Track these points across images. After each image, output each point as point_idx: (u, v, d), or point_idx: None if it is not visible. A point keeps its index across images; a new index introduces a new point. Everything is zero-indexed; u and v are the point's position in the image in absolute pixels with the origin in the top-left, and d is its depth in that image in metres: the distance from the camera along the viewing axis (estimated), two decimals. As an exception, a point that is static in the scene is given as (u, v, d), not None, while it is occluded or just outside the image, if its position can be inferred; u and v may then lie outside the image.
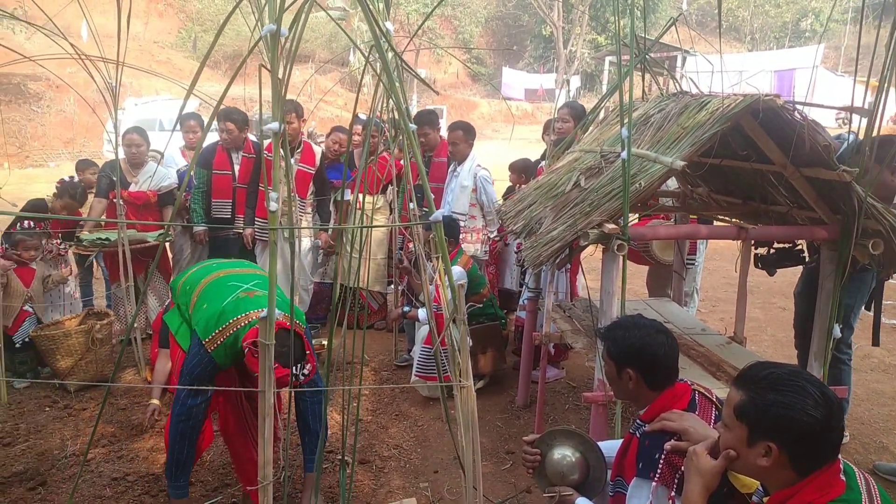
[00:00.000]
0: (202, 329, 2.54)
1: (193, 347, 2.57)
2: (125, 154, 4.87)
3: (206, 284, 2.75)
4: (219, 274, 2.84)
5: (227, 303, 2.58)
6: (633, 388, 1.96)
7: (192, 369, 2.53)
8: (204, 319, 2.56)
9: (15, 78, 18.26)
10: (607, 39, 30.45)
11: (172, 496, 2.67)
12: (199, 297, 2.71)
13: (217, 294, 2.66)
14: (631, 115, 2.37)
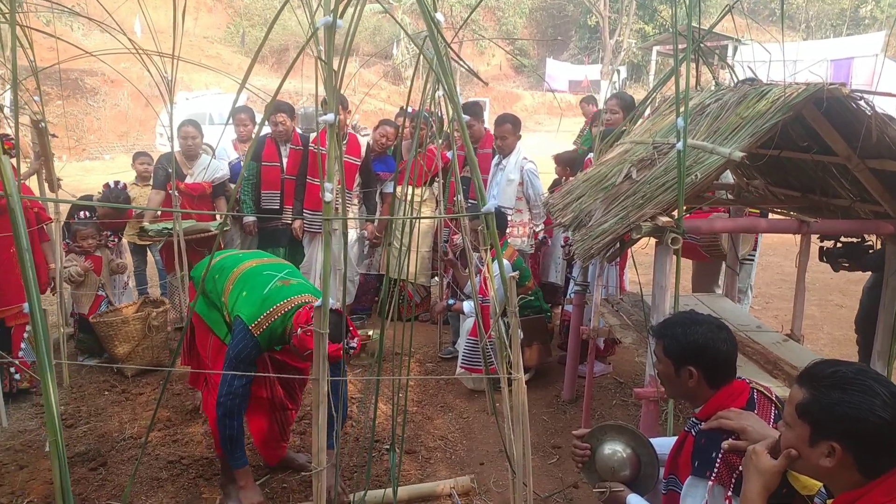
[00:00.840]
0: (248, 315, 2.67)
1: (238, 333, 2.69)
2: (181, 146, 5.01)
3: (241, 274, 2.87)
4: (250, 264, 2.96)
5: (269, 290, 2.73)
6: (693, 386, 1.91)
7: (239, 353, 2.68)
8: (248, 306, 2.70)
9: (73, 74, 18.93)
10: (655, 29, 29.76)
11: (234, 467, 2.85)
12: (236, 285, 2.83)
13: (256, 282, 2.80)
14: (687, 104, 2.31)
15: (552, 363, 4.72)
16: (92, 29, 18.68)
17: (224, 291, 2.86)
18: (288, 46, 26.86)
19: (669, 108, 3.28)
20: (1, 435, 3.64)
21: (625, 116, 4.16)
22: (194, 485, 3.19)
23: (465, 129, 1.81)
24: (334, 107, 1.65)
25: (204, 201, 5.15)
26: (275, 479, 3.24)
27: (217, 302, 2.92)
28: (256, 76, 20.19)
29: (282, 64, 27.18)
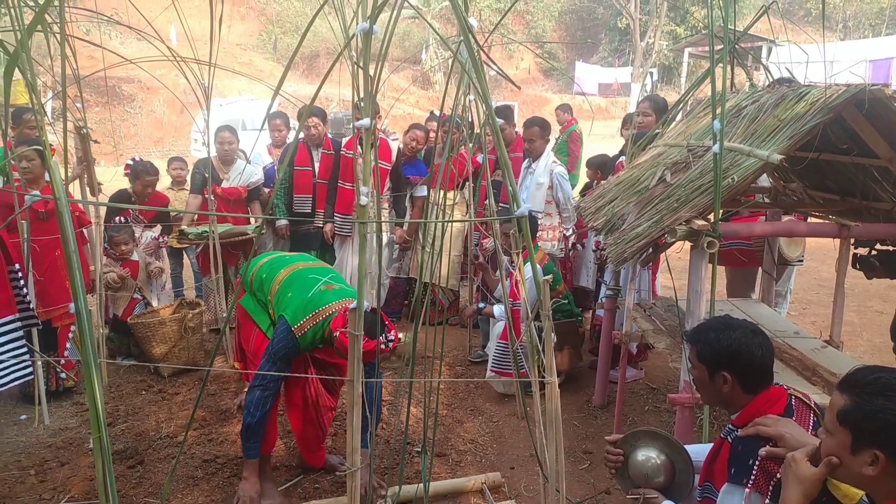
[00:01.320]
0: (291, 316, 2.78)
1: (281, 332, 2.80)
2: (217, 152, 5.11)
3: (288, 275, 3.00)
4: (297, 266, 3.08)
5: (313, 294, 2.83)
6: (728, 392, 1.88)
7: (278, 350, 2.82)
8: (292, 307, 2.80)
9: (110, 81, 19.43)
10: (687, 31, 29.38)
11: (247, 456, 2.95)
12: (283, 286, 2.94)
13: (301, 285, 2.90)
14: (724, 106, 2.29)
15: (583, 368, 4.68)
16: (128, 37, 19.16)
17: (271, 290, 2.99)
18: (319, 53, 27.19)
19: (704, 110, 3.25)
20: (43, 432, 3.74)
21: (657, 119, 4.12)
22: (228, 484, 3.24)
23: (499, 132, 1.81)
24: (370, 112, 1.67)
25: (239, 205, 5.25)
26: (307, 480, 3.28)
27: (264, 299, 3.06)
28: (288, 82, 20.47)
29: (313, 70, 27.51)
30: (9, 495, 3.09)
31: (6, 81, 1.89)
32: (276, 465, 3.40)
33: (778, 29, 14.54)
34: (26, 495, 3.11)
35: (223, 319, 4.89)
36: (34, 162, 3.81)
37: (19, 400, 4.12)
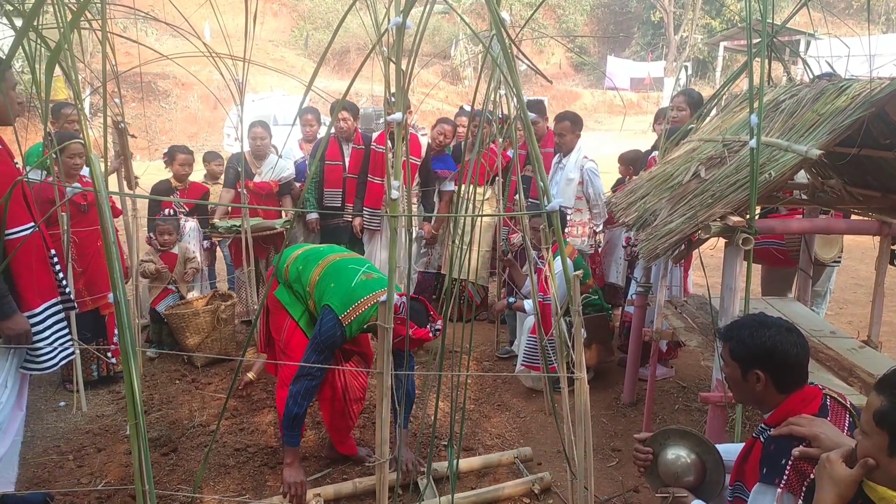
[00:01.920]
0: (338, 306, 2.87)
1: (328, 322, 2.87)
2: (250, 146, 5.18)
3: (327, 266, 3.06)
4: (334, 258, 3.14)
5: (356, 284, 2.94)
6: (761, 391, 1.86)
7: (326, 340, 2.88)
8: (338, 297, 2.89)
9: (146, 77, 19.82)
10: (722, 24, 28.81)
11: (288, 444, 2.98)
12: (323, 278, 3.01)
13: (342, 276, 2.99)
14: (762, 100, 2.24)
15: (612, 365, 4.64)
16: (164, 34, 19.48)
17: (310, 282, 3.05)
18: (349, 48, 27.33)
19: (740, 104, 3.18)
20: (81, 419, 3.85)
21: (692, 114, 4.05)
22: (259, 472, 3.29)
23: (531, 127, 1.80)
24: (402, 106, 1.68)
25: (271, 199, 5.32)
26: (336, 470, 3.32)
27: (301, 291, 3.11)
28: (319, 78, 20.57)
29: (343, 65, 27.67)
30: (48, 479, 3.19)
31: (48, 77, 1.94)
32: (305, 455, 3.45)
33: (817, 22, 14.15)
34: (65, 480, 3.20)
35: (254, 311, 4.97)
36: (84, 158, 3.92)
37: (58, 387, 4.25)
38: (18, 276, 2.55)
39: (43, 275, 2.69)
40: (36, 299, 2.61)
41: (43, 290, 2.66)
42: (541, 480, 3.18)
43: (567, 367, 2.26)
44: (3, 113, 2.54)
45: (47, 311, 2.66)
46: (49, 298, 2.68)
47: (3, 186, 2.50)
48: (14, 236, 2.54)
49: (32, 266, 2.60)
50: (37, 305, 2.61)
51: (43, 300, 2.64)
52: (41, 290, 2.64)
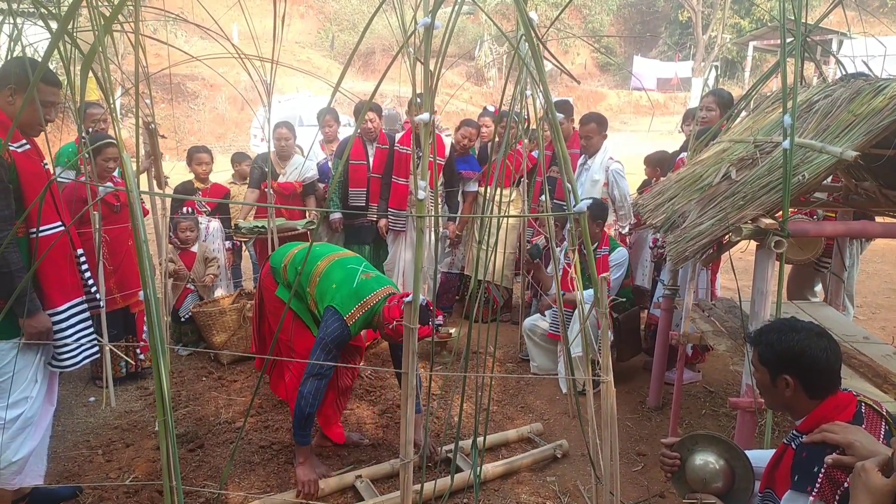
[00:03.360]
0: (342, 306, 2.93)
1: (333, 321, 2.93)
2: (275, 147, 5.23)
3: (327, 267, 3.10)
4: (332, 258, 3.18)
5: (357, 283, 3.01)
6: (790, 396, 1.82)
7: (333, 340, 2.93)
8: (341, 297, 2.96)
9: (175, 78, 20.14)
10: (752, 23, 28.34)
11: (301, 443, 3.06)
12: (324, 278, 3.05)
13: (344, 275, 3.04)
14: (795, 100, 2.19)
15: (637, 368, 4.60)
16: (193, 36, 19.78)
17: (311, 282, 3.08)
18: (374, 49, 27.45)
19: (772, 105, 3.13)
20: (110, 414, 3.92)
21: (721, 114, 3.98)
22: (284, 470, 3.32)
23: (559, 127, 1.79)
24: (430, 107, 1.68)
25: (295, 200, 5.36)
26: (359, 469, 3.33)
27: (301, 291, 3.14)
28: (344, 78, 20.76)
29: (368, 66, 27.80)
30: (78, 473, 3.26)
31: (82, 80, 1.98)
32: (329, 454, 3.47)
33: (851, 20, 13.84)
34: (94, 474, 3.26)
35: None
36: (118, 161, 3.99)
37: (88, 383, 4.33)
38: (44, 275, 2.58)
39: (68, 273, 2.72)
40: (60, 298, 2.64)
41: (67, 288, 2.69)
42: (560, 447, 3.50)
43: (592, 369, 2.24)
44: (34, 124, 2.59)
45: (71, 309, 2.69)
46: (73, 297, 2.71)
47: (35, 186, 2.55)
48: (42, 235, 2.59)
49: (58, 264, 2.64)
50: (60, 304, 2.64)
51: (67, 299, 2.67)
52: (65, 289, 2.67)
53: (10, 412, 2.57)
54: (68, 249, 2.74)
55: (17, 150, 2.52)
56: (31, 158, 2.61)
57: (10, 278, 2.46)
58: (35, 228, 2.54)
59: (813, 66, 3.22)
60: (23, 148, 2.57)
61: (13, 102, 2.54)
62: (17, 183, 2.49)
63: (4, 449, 2.57)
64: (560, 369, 4.41)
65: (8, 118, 2.53)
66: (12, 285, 2.46)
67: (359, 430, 3.72)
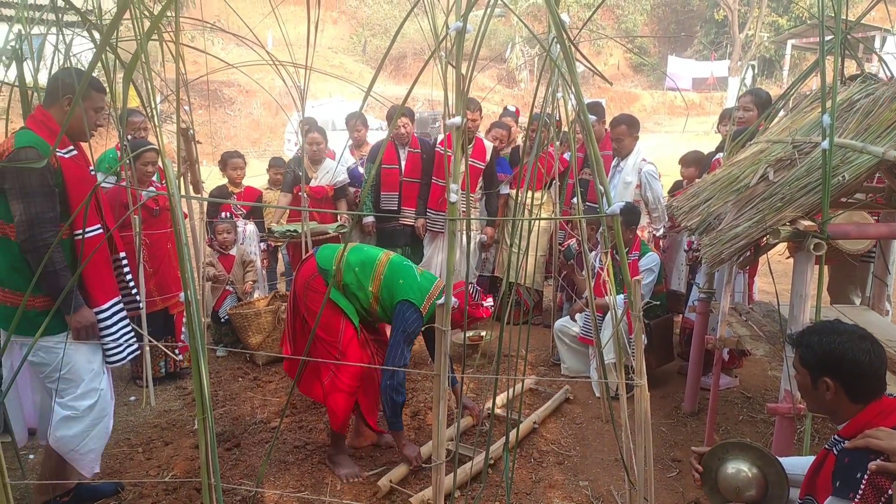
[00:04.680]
0: (416, 298, 3.15)
1: (411, 314, 3.14)
2: (307, 152, 5.30)
3: (386, 266, 3.25)
4: (387, 256, 3.32)
5: (421, 277, 3.25)
6: (831, 400, 1.78)
7: (413, 332, 3.16)
8: (412, 291, 3.17)
9: (212, 85, 20.56)
10: (790, 21, 27.70)
11: (398, 429, 3.27)
12: (388, 277, 3.21)
13: (405, 272, 3.23)
14: (835, 99, 2.14)
15: (671, 373, 4.53)
16: (229, 43, 20.17)
17: (373, 283, 3.21)
18: (406, 54, 27.62)
19: (811, 104, 3.06)
20: (150, 413, 4.02)
21: (759, 114, 3.91)
22: (318, 469, 3.36)
23: (592, 130, 1.78)
24: (462, 110, 1.69)
25: (326, 203, 5.43)
26: (391, 471, 3.35)
27: (360, 293, 3.24)
28: (376, 83, 20.93)
29: (399, 70, 27.99)
30: (119, 470, 3.34)
31: (124, 88, 2.04)
32: (361, 455, 3.50)
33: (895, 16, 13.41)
34: (134, 471, 3.34)
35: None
36: (156, 165, 4.12)
37: (129, 382, 4.44)
38: (86, 276, 2.68)
39: (109, 274, 2.83)
40: (103, 296, 2.75)
41: (110, 288, 2.81)
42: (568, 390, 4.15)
43: (626, 373, 2.22)
44: (81, 130, 2.70)
45: (114, 307, 2.80)
46: (115, 296, 2.82)
47: (80, 190, 2.66)
48: (85, 237, 2.71)
49: (99, 265, 2.75)
50: (104, 302, 2.75)
51: (108, 298, 2.78)
52: (106, 289, 2.79)
53: (83, 402, 2.72)
54: (108, 251, 2.84)
55: (63, 155, 2.63)
56: (78, 164, 2.72)
57: (56, 277, 2.57)
58: (78, 231, 2.64)
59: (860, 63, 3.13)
60: (70, 154, 2.69)
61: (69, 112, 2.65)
62: (62, 187, 2.60)
63: (84, 436, 2.72)
64: (592, 373, 4.38)
65: (60, 126, 2.64)
66: (57, 283, 2.57)
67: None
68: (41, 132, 2.60)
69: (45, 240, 2.51)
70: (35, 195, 2.50)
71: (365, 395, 3.41)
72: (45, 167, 2.49)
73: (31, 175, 2.48)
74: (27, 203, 2.50)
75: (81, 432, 2.72)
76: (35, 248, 2.52)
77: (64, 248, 2.64)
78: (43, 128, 2.62)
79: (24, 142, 2.54)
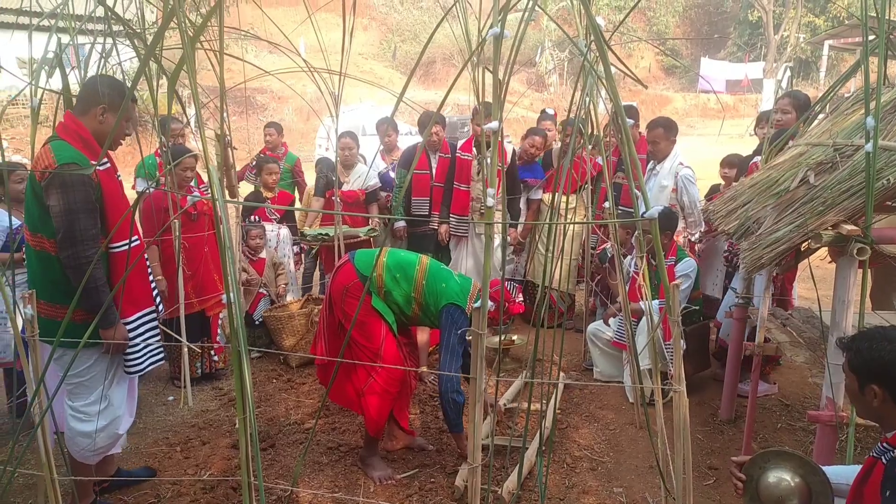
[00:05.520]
0: (463, 300, 3.21)
1: (459, 316, 3.19)
2: (339, 156, 5.37)
3: (427, 270, 3.28)
4: (424, 261, 3.35)
5: (460, 280, 3.32)
6: (879, 406, 1.74)
7: (463, 334, 3.21)
8: (457, 294, 3.22)
9: (247, 92, 20.93)
10: (827, 22, 27.09)
11: (458, 431, 3.32)
12: (430, 281, 3.25)
13: (445, 276, 3.30)
14: (879, 101, 2.10)
15: (707, 379, 4.46)
16: (262, 50, 20.51)
17: (415, 287, 3.25)
18: (435, 59, 27.74)
19: (852, 107, 2.99)
20: (187, 413, 4.10)
21: (798, 117, 3.83)
22: (351, 471, 3.39)
23: (629, 132, 1.78)
24: (500, 115, 1.70)
25: (357, 208, 5.48)
26: (423, 474, 3.37)
27: (400, 298, 3.27)
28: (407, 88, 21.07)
29: (429, 76, 28.12)
30: (158, 468, 3.42)
31: (168, 97, 2.10)
32: (394, 457, 3.53)
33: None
34: (173, 470, 3.42)
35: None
36: (194, 171, 4.20)
37: (167, 383, 4.54)
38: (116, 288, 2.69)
39: (139, 285, 2.84)
40: (130, 309, 2.77)
41: (138, 300, 2.82)
42: None
43: (662, 379, 2.20)
44: (116, 139, 2.69)
45: (140, 320, 2.82)
46: (143, 307, 2.84)
47: (114, 203, 2.67)
48: (118, 250, 2.69)
49: (131, 277, 2.75)
50: (131, 314, 2.77)
51: (136, 310, 2.80)
52: (136, 301, 2.81)
53: (93, 408, 2.77)
54: (142, 262, 2.88)
55: (100, 168, 2.62)
56: (111, 176, 2.73)
57: (97, 293, 2.58)
58: (114, 244, 2.65)
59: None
60: (104, 166, 2.68)
61: (103, 121, 2.64)
62: (101, 202, 2.61)
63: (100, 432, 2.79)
64: (625, 378, 4.34)
65: (94, 137, 2.63)
66: (98, 299, 2.58)
67: (423, 434, 3.77)
68: (76, 143, 2.57)
69: (87, 257, 2.51)
70: (79, 213, 2.50)
71: (398, 397, 3.44)
72: (87, 184, 2.49)
73: (75, 192, 2.48)
74: (71, 221, 2.49)
75: (91, 432, 2.77)
76: (77, 265, 2.52)
77: (102, 262, 2.65)
78: (77, 138, 2.59)
79: (65, 157, 2.50)
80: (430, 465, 3.43)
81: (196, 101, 1.68)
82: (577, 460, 3.53)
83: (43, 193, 2.51)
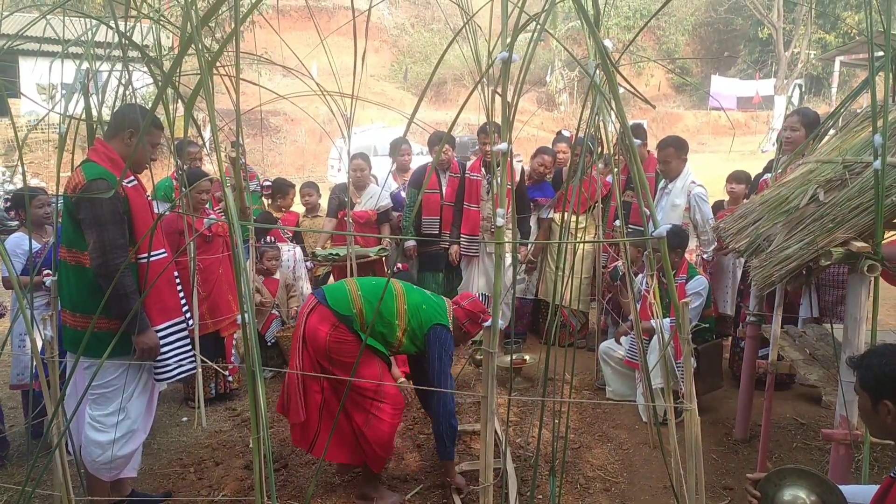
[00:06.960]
0: (445, 320, 3.20)
1: (445, 337, 3.16)
2: (351, 177, 5.43)
3: (405, 298, 3.19)
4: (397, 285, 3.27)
5: (432, 296, 3.32)
6: (892, 423, 1.73)
7: (453, 352, 3.22)
8: (438, 314, 3.20)
9: (260, 114, 21.23)
10: (838, 38, 27.09)
11: (449, 459, 3.28)
12: (412, 307, 3.17)
13: (422, 296, 3.27)
14: (886, 118, 2.11)
15: (721, 398, 4.42)
16: (275, 74, 20.82)
17: (398, 316, 3.14)
18: (446, 80, 28.03)
19: (861, 124, 3.00)
20: (201, 434, 4.12)
21: (807, 134, 3.84)
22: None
23: (637, 152, 1.80)
24: (509, 137, 1.73)
25: (369, 228, 5.53)
26: (435, 494, 3.35)
27: (384, 329, 3.12)
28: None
29: (440, 96, 28.39)
30: (172, 489, 3.44)
31: (185, 120, 2.15)
32: (399, 477, 3.52)
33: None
34: (187, 491, 3.43)
35: None
36: (210, 194, 4.28)
37: (181, 404, 4.57)
38: (147, 297, 2.84)
39: (169, 295, 2.98)
40: (159, 317, 2.90)
41: (168, 309, 2.95)
42: None
43: (675, 398, 2.19)
44: (140, 162, 2.92)
45: (169, 328, 2.93)
46: (173, 317, 2.96)
47: (142, 217, 2.84)
48: (154, 258, 2.87)
49: (159, 288, 2.90)
50: (159, 323, 2.89)
51: (166, 318, 2.92)
52: (166, 310, 2.93)
53: (111, 419, 2.86)
54: (170, 274, 2.98)
55: (128, 185, 2.82)
56: (139, 192, 2.91)
57: (126, 300, 2.73)
58: (143, 255, 2.80)
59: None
60: (132, 184, 2.88)
61: (130, 144, 2.85)
62: (129, 214, 2.79)
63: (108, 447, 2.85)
64: (638, 397, 4.31)
65: (121, 158, 2.82)
66: (128, 306, 2.72)
67: (422, 454, 3.74)
68: (104, 163, 2.78)
69: (116, 265, 2.67)
70: (108, 223, 2.68)
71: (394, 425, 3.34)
72: (114, 197, 2.66)
73: (103, 205, 2.66)
74: (101, 231, 2.67)
75: (106, 442, 2.85)
76: (108, 272, 2.68)
77: (132, 272, 2.80)
78: (105, 159, 2.79)
79: (93, 174, 2.71)
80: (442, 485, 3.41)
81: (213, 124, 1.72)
82: (591, 480, 3.51)
83: (74, 209, 2.71)
